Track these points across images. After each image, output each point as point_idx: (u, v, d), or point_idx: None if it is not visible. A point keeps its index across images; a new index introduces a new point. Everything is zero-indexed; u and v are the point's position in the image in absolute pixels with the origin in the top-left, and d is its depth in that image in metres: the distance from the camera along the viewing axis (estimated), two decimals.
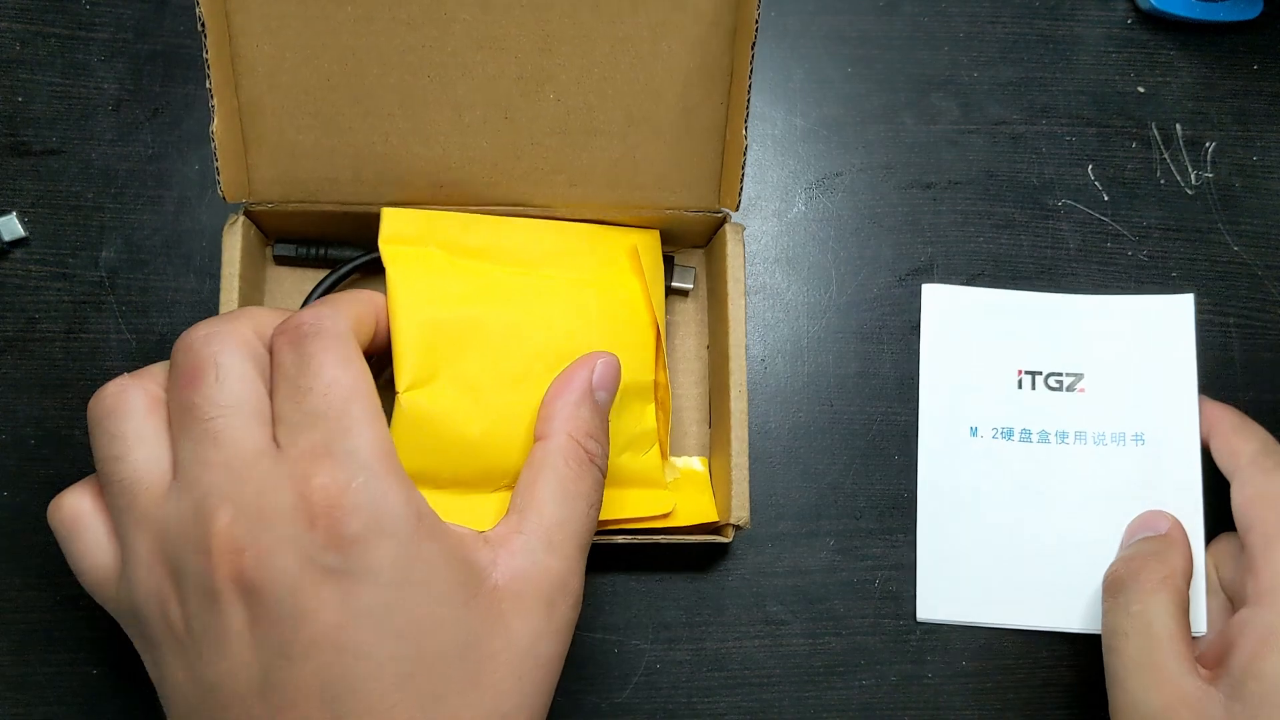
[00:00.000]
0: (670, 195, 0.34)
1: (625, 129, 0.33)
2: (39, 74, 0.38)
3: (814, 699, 0.37)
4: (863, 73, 0.41)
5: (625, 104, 0.32)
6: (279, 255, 0.36)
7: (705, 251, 0.38)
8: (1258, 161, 0.41)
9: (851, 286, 0.40)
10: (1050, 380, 0.39)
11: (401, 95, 0.32)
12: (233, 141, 0.32)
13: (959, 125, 0.41)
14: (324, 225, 0.35)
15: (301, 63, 0.31)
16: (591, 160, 0.34)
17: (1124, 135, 0.41)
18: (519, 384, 0.30)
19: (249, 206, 0.33)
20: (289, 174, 0.33)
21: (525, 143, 0.33)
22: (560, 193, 0.34)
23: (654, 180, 0.34)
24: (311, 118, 0.32)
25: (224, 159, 0.31)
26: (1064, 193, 0.41)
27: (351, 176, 0.33)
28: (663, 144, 0.33)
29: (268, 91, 0.32)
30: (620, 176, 0.34)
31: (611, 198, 0.34)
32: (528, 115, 0.33)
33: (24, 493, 0.36)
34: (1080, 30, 0.42)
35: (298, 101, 0.32)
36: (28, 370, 0.37)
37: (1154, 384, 0.38)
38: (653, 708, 0.36)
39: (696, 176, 0.34)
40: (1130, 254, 0.40)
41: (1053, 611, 0.37)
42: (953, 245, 0.40)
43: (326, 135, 0.33)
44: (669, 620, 0.37)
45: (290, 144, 0.33)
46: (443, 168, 0.33)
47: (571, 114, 0.33)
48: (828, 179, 0.40)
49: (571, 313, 0.32)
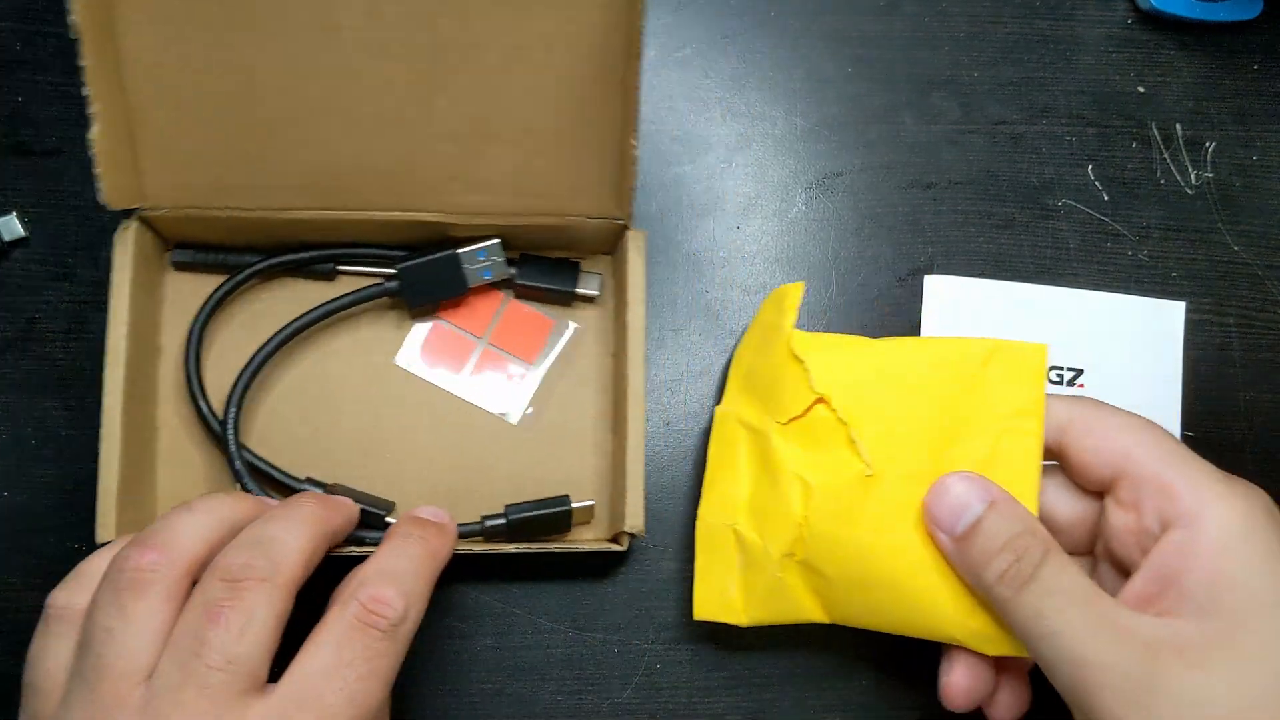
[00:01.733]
0: (571, 203, 0.34)
1: (522, 137, 0.33)
2: (39, 74, 0.38)
3: (814, 699, 0.37)
4: (863, 73, 0.41)
5: (521, 113, 0.32)
6: (177, 261, 0.36)
7: (612, 259, 0.38)
8: (1258, 161, 0.41)
9: (851, 286, 0.40)
10: (1052, 374, 0.39)
11: (291, 102, 0.32)
12: (119, 147, 0.32)
13: (959, 125, 0.41)
14: (222, 231, 0.35)
15: (189, 69, 0.31)
16: (489, 168, 0.33)
17: (1124, 135, 0.41)
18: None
19: (142, 212, 0.33)
20: (181, 179, 0.33)
21: (420, 150, 0.33)
22: (457, 199, 0.34)
23: (554, 188, 0.34)
24: (201, 124, 0.32)
25: (107, 165, 0.31)
26: (1064, 193, 0.41)
27: (245, 182, 0.33)
28: (562, 153, 0.33)
29: (155, 97, 0.32)
30: (520, 184, 0.34)
31: (512, 205, 0.34)
32: (421, 122, 0.32)
33: (24, 493, 0.36)
34: (1080, 30, 0.42)
35: (186, 107, 0.32)
36: (28, 370, 0.37)
37: (1146, 388, 0.38)
38: (653, 708, 0.36)
39: (598, 185, 0.34)
40: (1130, 254, 0.40)
41: None
42: (953, 245, 0.40)
43: (217, 141, 0.33)
44: (669, 620, 0.37)
45: (181, 150, 0.33)
46: (336, 174, 0.33)
47: (466, 122, 0.32)
48: (828, 179, 0.40)
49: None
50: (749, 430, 0.35)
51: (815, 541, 0.32)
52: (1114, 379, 0.38)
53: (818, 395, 0.33)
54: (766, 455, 0.34)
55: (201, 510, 0.27)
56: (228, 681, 0.24)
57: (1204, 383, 0.39)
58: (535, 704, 0.36)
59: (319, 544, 0.28)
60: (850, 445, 0.32)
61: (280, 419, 0.36)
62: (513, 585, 0.36)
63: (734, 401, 0.36)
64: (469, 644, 0.36)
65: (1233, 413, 0.39)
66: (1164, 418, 0.38)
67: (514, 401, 0.37)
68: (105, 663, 0.24)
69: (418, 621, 0.27)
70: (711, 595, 0.35)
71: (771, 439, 0.33)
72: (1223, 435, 0.39)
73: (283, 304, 0.37)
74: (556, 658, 0.36)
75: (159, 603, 0.25)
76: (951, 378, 0.32)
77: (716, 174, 0.40)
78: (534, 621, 0.36)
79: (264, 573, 0.25)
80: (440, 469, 0.36)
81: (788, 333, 0.34)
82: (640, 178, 0.40)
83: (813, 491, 0.32)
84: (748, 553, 0.34)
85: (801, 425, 0.33)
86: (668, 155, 0.40)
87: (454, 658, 0.36)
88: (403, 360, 0.37)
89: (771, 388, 0.34)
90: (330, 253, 0.36)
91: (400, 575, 0.27)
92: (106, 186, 0.31)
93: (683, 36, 0.41)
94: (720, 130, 0.41)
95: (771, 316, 0.36)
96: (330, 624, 0.26)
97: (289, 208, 0.34)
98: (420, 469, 0.36)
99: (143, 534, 0.27)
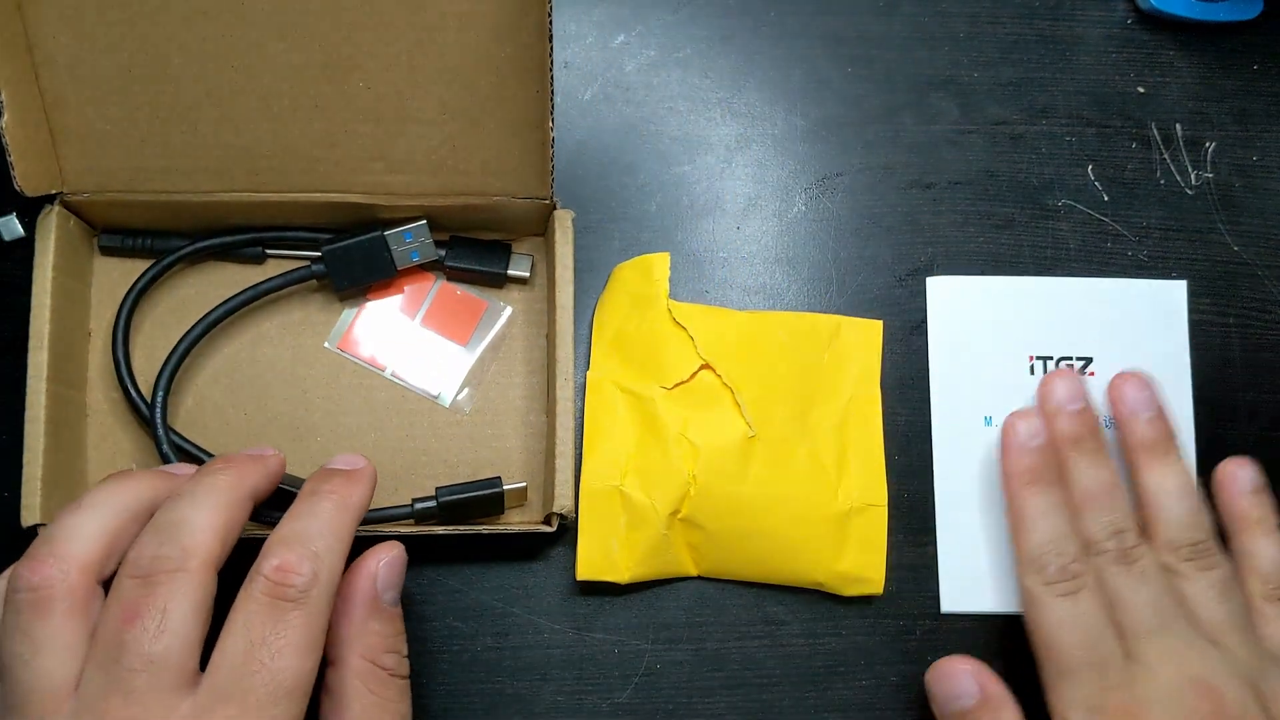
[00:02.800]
0: (497, 183, 0.35)
1: (441, 117, 0.33)
2: None
3: (814, 699, 0.37)
4: (862, 73, 0.41)
5: (438, 93, 0.32)
6: (104, 246, 0.37)
7: (543, 240, 0.38)
8: (1258, 161, 0.41)
9: (851, 286, 0.40)
10: (1062, 365, 0.39)
11: (206, 85, 0.32)
12: (35, 134, 0.32)
13: (959, 125, 0.41)
14: (148, 215, 0.35)
15: (101, 53, 0.31)
16: (409, 147, 0.34)
17: (1124, 135, 0.41)
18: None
19: (65, 197, 0.34)
20: (100, 164, 0.34)
21: (339, 131, 0.33)
22: (380, 180, 0.34)
23: (478, 168, 0.34)
24: (116, 108, 0.32)
25: (20, 152, 0.32)
26: (1064, 193, 0.41)
27: (164, 166, 0.34)
28: (483, 133, 0.33)
29: (70, 83, 0.32)
30: (442, 163, 0.34)
31: (434, 184, 0.35)
32: (338, 103, 0.33)
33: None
34: (1080, 30, 0.42)
35: (101, 92, 0.32)
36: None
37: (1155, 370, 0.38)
38: (653, 708, 0.36)
39: (523, 166, 0.34)
40: (1130, 254, 0.40)
41: None
42: (953, 245, 0.40)
43: (134, 125, 0.33)
44: (669, 620, 0.37)
45: (99, 134, 0.33)
46: (255, 156, 0.34)
47: (383, 101, 0.33)
48: (828, 179, 0.40)
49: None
50: (629, 394, 0.37)
51: (701, 499, 0.35)
52: (1123, 364, 0.38)
53: (703, 361, 0.36)
54: (651, 419, 0.36)
55: (92, 506, 0.26)
56: (151, 682, 0.23)
57: (1204, 383, 0.39)
58: (535, 704, 0.36)
59: (235, 512, 0.26)
60: (735, 408, 0.36)
61: (211, 403, 0.36)
62: (466, 567, 0.36)
63: (605, 367, 0.37)
64: (469, 644, 0.36)
65: (1233, 413, 0.39)
66: (1176, 395, 0.38)
67: (447, 384, 0.37)
68: (25, 688, 0.24)
69: (333, 580, 0.26)
70: (595, 556, 0.35)
71: (657, 404, 0.36)
72: (1223, 435, 0.39)
73: (212, 287, 0.37)
74: (556, 658, 0.36)
75: (63, 620, 0.24)
76: (808, 347, 0.38)
77: (716, 174, 0.40)
78: (534, 621, 0.36)
79: (174, 563, 0.24)
80: (372, 451, 0.36)
81: (664, 302, 0.37)
82: (640, 177, 0.40)
83: (699, 452, 0.36)
84: (634, 512, 0.35)
85: (686, 390, 0.36)
86: (668, 155, 0.40)
87: (454, 658, 0.36)
88: (333, 343, 0.37)
89: (651, 354, 0.37)
90: (257, 235, 0.36)
91: (306, 536, 0.26)
92: (20, 173, 0.32)
93: (683, 36, 0.41)
94: (720, 130, 0.41)
95: (640, 286, 0.37)
96: (240, 604, 0.25)
97: (212, 190, 0.34)
98: (349, 452, 0.36)
99: (34, 545, 0.26)
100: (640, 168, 0.40)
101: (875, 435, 0.38)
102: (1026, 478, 0.35)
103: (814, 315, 0.39)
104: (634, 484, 0.36)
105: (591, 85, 0.40)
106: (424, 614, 0.36)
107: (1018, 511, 0.35)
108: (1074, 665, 0.31)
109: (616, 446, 0.36)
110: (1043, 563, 0.33)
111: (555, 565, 0.37)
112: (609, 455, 0.36)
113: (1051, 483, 0.35)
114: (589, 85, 0.40)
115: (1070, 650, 0.31)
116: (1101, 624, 0.32)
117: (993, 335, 0.39)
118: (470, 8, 0.31)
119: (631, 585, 0.36)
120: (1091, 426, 0.35)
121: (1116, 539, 0.33)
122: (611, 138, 0.40)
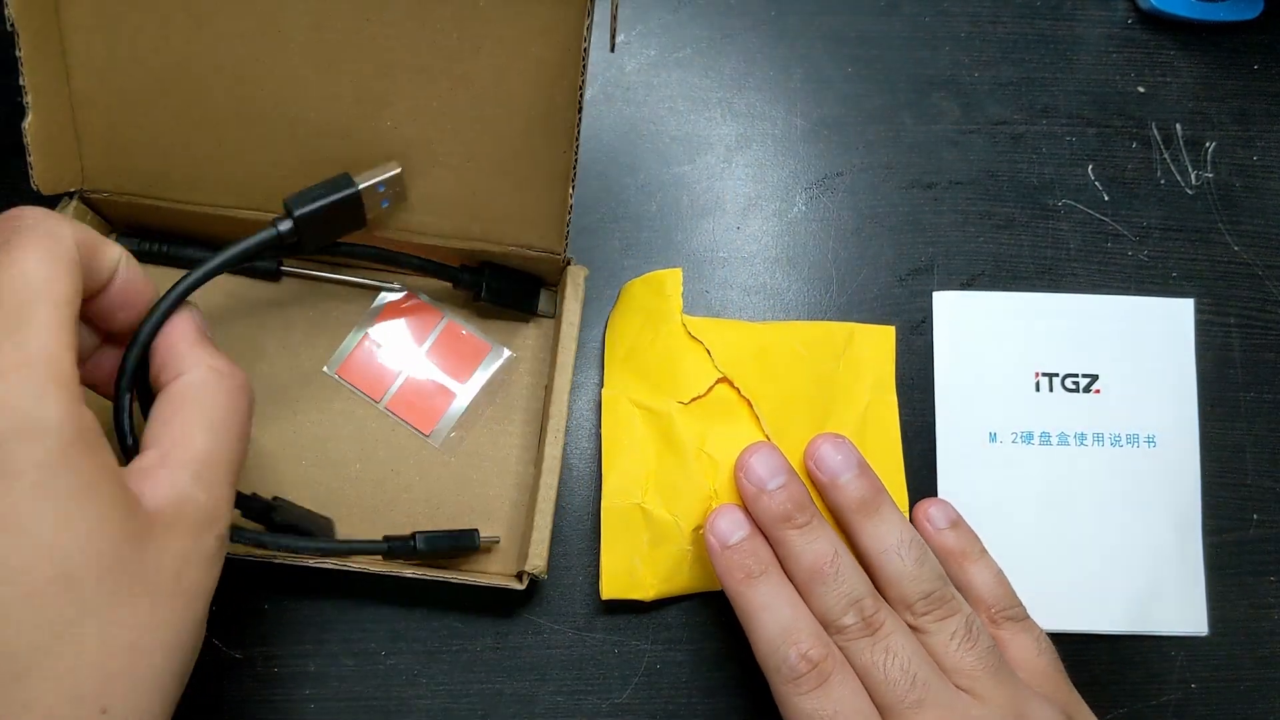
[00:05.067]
0: (514, 233, 0.35)
1: (465, 164, 0.33)
2: None
3: None
4: (863, 73, 0.41)
5: (465, 140, 0.32)
6: (121, 244, 0.36)
7: (555, 293, 0.38)
8: (1258, 161, 0.41)
9: (852, 286, 0.40)
10: (1067, 381, 0.39)
11: (236, 104, 0.32)
12: (59, 135, 0.32)
13: (959, 125, 0.41)
14: (166, 221, 0.35)
15: (133, 62, 0.31)
16: (431, 190, 0.34)
17: (1124, 135, 0.41)
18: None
19: (85, 193, 0.34)
20: (122, 165, 0.34)
21: (364, 164, 0.33)
22: (398, 216, 0.34)
23: (497, 217, 0.34)
24: (145, 115, 0.32)
25: (42, 152, 0.32)
26: (1064, 193, 0.41)
27: (185, 176, 0.34)
28: (506, 184, 0.33)
29: (100, 86, 0.32)
30: (461, 208, 0.34)
31: (451, 227, 0.35)
32: (365, 137, 0.33)
33: None
34: (1080, 30, 0.42)
35: (130, 99, 0.32)
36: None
37: (1161, 387, 0.38)
38: (653, 708, 0.36)
39: (542, 219, 0.34)
40: (1130, 254, 0.40)
41: (1077, 613, 0.37)
42: (953, 245, 0.40)
43: (161, 133, 0.33)
44: (669, 620, 0.37)
45: (124, 138, 0.33)
46: (278, 179, 0.34)
47: (410, 143, 0.33)
48: (828, 179, 0.40)
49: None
50: (645, 411, 0.36)
51: None
52: (1129, 382, 0.38)
53: (720, 375, 0.36)
54: (669, 434, 0.36)
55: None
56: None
57: (1204, 383, 0.39)
58: (535, 704, 0.36)
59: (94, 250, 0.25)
60: (752, 420, 0.36)
61: None
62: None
63: (620, 383, 0.37)
64: (469, 644, 0.36)
65: (1233, 412, 0.39)
66: (1182, 415, 0.38)
67: (440, 423, 0.37)
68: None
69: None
70: (619, 574, 0.35)
71: (674, 419, 0.36)
72: (1223, 435, 0.39)
73: (224, 297, 0.37)
74: (556, 658, 0.36)
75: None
76: (822, 356, 0.38)
77: (716, 174, 0.40)
78: (534, 621, 0.36)
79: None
80: (354, 482, 0.36)
81: (678, 317, 0.37)
82: (640, 177, 0.40)
83: (720, 466, 0.35)
84: (656, 529, 0.35)
85: (703, 404, 0.36)
86: (668, 155, 0.40)
87: (454, 658, 0.36)
88: (332, 369, 0.37)
89: (667, 370, 0.36)
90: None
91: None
92: (39, 172, 0.32)
93: (683, 36, 0.41)
94: (720, 130, 0.41)
95: (652, 301, 0.37)
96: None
97: (230, 206, 0.34)
98: (332, 479, 0.36)
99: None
100: (640, 167, 0.40)
101: (894, 442, 0.37)
102: (739, 575, 0.32)
103: (827, 323, 0.38)
104: (655, 500, 0.35)
105: (592, 85, 0.40)
106: (424, 614, 0.36)
107: (741, 611, 0.32)
108: None
109: (635, 463, 0.36)
110: (779, 658, 0.30)
111: (556, 568, 0.37)
112: (629, 472, 0.36)
113: (767, 571, 0.32)
114: (589, 85, 0.40)
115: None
116: (862, 711, 0.30)
117: (998, 351, 0.39)
118: (508, 62, 0.31)
119: None
120: (798, 500, 0.33)
121: (855, 610, 0.31)
122: (611, 137, 0.40)
